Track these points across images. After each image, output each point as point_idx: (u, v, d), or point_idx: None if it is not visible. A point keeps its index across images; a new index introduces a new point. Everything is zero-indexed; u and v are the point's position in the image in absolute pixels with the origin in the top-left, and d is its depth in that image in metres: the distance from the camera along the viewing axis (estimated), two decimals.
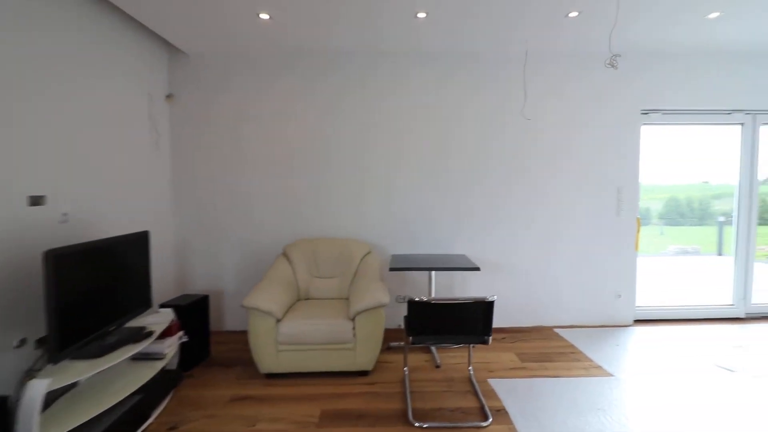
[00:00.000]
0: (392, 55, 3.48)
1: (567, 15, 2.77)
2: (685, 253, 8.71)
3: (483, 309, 2.14)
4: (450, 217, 3.57)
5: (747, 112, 3.68)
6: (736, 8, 2.69)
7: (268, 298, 2.67)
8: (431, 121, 3.53)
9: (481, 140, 3.54)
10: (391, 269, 2.89)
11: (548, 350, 3.14)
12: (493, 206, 3.58)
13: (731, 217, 3.95)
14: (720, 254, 8.52)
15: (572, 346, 3.22)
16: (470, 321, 2.17)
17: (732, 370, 2.75)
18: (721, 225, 8.96)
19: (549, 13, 2.75)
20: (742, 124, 3.72)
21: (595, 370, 2.80)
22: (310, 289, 3.21)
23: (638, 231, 3.72)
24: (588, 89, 3.56)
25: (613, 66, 2.37)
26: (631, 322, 3.71)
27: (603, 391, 2.51)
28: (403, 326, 3.61)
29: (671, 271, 6.57)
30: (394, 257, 3.33)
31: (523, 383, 2.62)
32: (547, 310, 3.68)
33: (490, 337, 2.21)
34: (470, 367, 2.75)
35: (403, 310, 3.60)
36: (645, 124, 3.65)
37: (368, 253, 3.33)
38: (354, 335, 2.64)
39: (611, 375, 2.72)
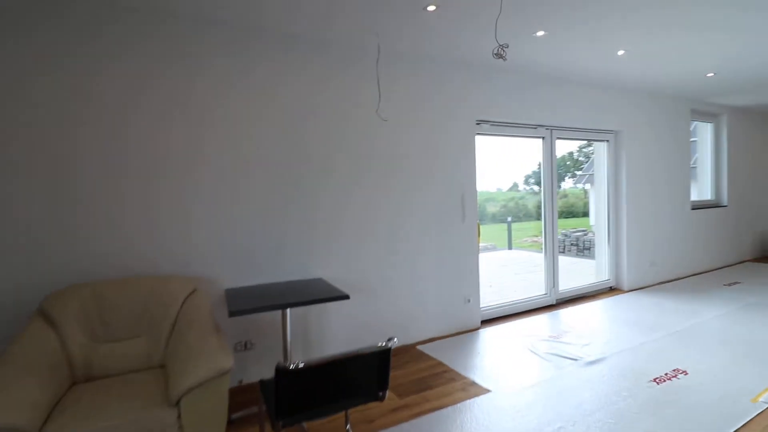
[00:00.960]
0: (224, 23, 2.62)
1: (425, 8, 2.53)
2: (486, 249, 10.27)
3: (379, 359, 1.60)
4: (300, 234, 2.92)
5: (547, 127, 4.29)
6: (553, 31, 2.97)
7: (7, 401, 1.48)
8: (274, 121, 2.82)
9: (335, 143, 3.03)
10: (232, 314, 2.06)
11: (422, 374, 2.84)
12: (348, 218, 3.11)
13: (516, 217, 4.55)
14: (510, 248, 10.37)
15: (442, 363, 3.01)
16: (362, 377, 1.60)
17: (575, 359, 2.99)
18: (509, 224, 10.87)
19: (405, 3, 2.46)
20: (543, 137, 4.32)
21: (473, 388, 2.61)
22: (94, 362, 2.03)
23: (479, 236, 3.87)
24: (440, 96, 3.49)
25: (501, 57, 2.21)
26: (479, 324, 3.80)
27: (490, 413, 2.31)
28: (242, 382, 2.74)
29: (488, 268, 7.48)
30: (231, 293, 2.47)
31: (411, 427, 2.20)
32: (407, 327, 3.41)
33: (387, 391, 1.68)
34: (348, 426, 2.17)
35: (246, 360, 2.74)
36: (478, 134, 3.82)
37: (193, 292, 2.36)
38: (180, 429, 1.71)
39: (489, 390, 2.58)
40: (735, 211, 6.28)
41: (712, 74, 4.21)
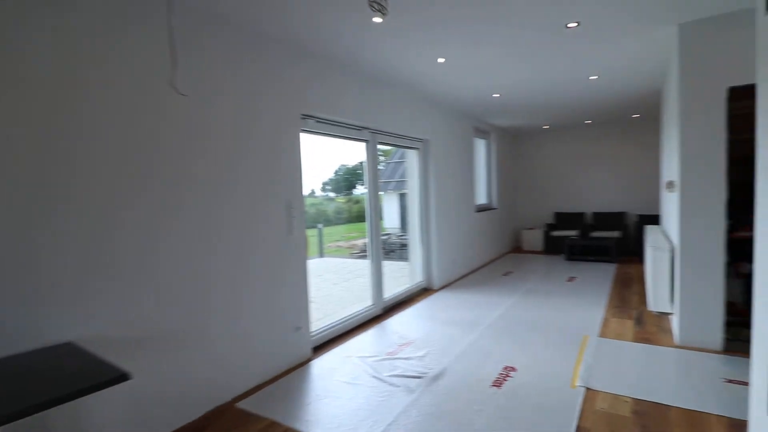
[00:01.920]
0: None
1: None
2: None
3: None
4: (24, 271, 1.71)
5: (372, 130, 4.09)
6: (386, 28, 2.70)
7: None
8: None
9: (94, 127, 1.91)
10: None
11: None
12: (121, 242, 2.04)
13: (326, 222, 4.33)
14: (322, 256, 10.10)
15: (274, 423, 2.30)
16: None
17: (420, 376, 2.77)
18: (321, 231, 10.57)
19: None
20: (367, 141, 4.10)
21: None
22: None
23: (307, 249, 3.30)
24: (259, 77, 2.73)
25: (380, 9, 1.66)
26: (310, 353, 3.23)
27: None
28: None
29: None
30: None
31: None
32: (225, 381, 2.54)
33: None
34: None
35: None
36: (303, 130, 3.26)
37: None
38: None
39: None
40: (501, 212, 7.70)
41: (498, 95, 4.88)
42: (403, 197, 10.47)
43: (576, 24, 2.86)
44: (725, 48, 2.83)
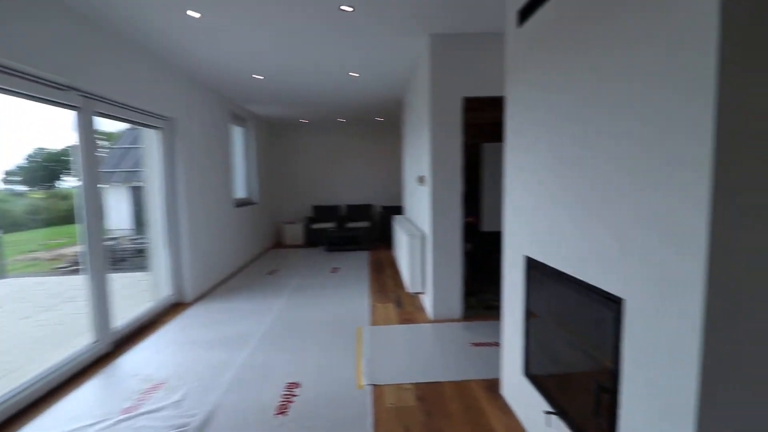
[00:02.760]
0: None
1: None
2: None
3: None
4: None
5: (85, 93, 2.84)
6: None
7: None
8: None
9: None
10: None
11: None
12: None
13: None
14: (3, 277, 6.89)
15: None
16: None
17: (180, 430, 2.05)
18: (0, 239, 7.23)
19: None
20: (78, 108, 2.83)
21: None
22: None
23: None
24: None
25: None
26: None
27: None
28: None
29: None
30: None
31: None
32: None
33: None
34: None
35: None
36: None
37: None
38: None
39: None
40: (261, 206, 7.22)
41: (261, 77, 4.37)
42: (137, 191, 8.46)
43: (351, 9, 2.74)
44: (465, 62, 3.32)
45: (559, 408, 1.66)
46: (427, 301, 3.74)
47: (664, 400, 1.07)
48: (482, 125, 4.70)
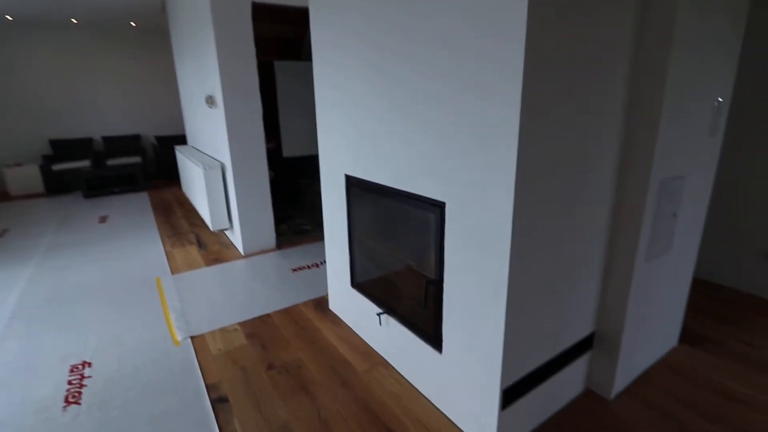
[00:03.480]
0: None
1: None
2: None
3: None
4: None
5: None
6: None
7: None
8: None
9: None
10: None
11: None
12: None
13: None
14: None
15: None
16: None
17: None
18: None
19: None
20: None
21: None
22: None
23: None
24: None
25: None
26: None
27: None
28: None
29: None
30: None
31: None
32: None
33: None
34: None
35: None
36: None
37: None
38: None
39: None
40: None
41: None
42: None
43: None
44: None
45: (389, 308, 1.86)
46: (236, 237, 3.47)
47: (481, 281, 1.31)
48: (272, 39, 4.30)
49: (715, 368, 1.85)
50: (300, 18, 3.26)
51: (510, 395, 1.37)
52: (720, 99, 1.64)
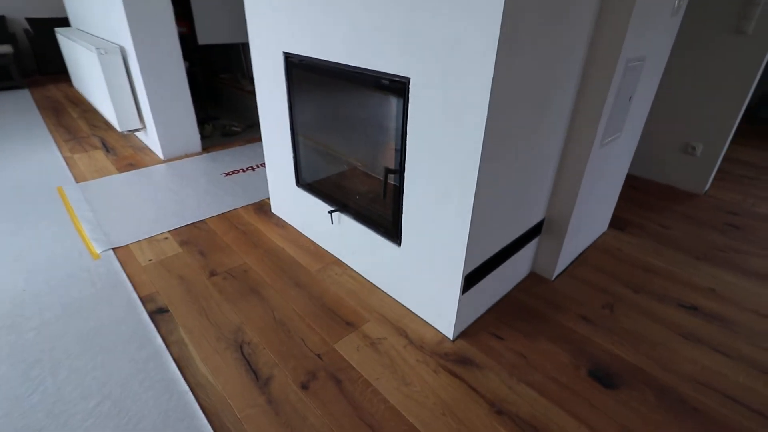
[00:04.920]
0: None
1: None
2: None
3: None
4: None
5: None
6: None
7: None
8: None
9: None
10: None
11: None
12: None
13: None
14: None
15: None
16: None
17: None
18: None
19: None
20: None
21: None
22: None
23: None
24: None
25: None
26: None
27: None
28: None
29: None
30: None
31: None
32: None
33: None
34: None
35: None
36: None
37: None
38: None
39: None
40: None
41: None
42: None
43: None
44: None
45: (342, 204, 1.74)
46: (152, 139, 3.01)
47: (448, 166, 1.21)
48: None
49: (638, 248, 2.05)
50: None
51: (469, 280, 1.38)
52: None
